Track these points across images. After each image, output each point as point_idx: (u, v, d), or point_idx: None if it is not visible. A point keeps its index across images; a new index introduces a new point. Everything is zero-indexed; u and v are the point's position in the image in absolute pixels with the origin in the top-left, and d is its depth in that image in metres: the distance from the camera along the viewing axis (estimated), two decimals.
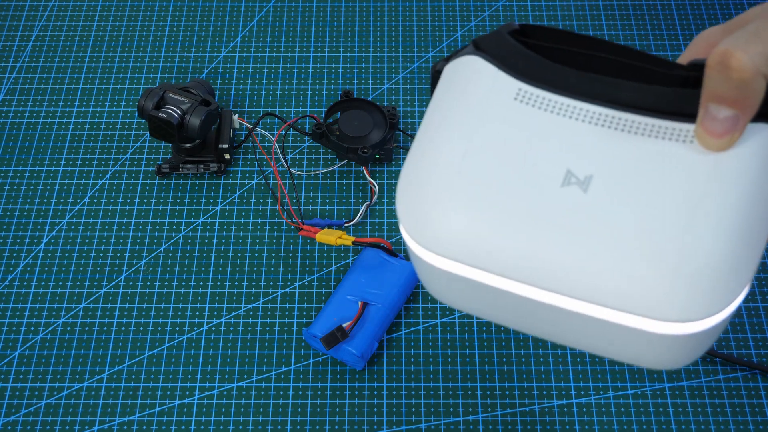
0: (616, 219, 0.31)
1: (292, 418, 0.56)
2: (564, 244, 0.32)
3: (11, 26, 0.75)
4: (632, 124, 0.33)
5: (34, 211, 0.65)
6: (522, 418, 0.56)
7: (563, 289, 0.32)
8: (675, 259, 0.30)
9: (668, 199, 0.31)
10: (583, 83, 0.34)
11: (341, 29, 0.75)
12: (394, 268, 0.59)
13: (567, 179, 0.32)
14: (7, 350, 0.59)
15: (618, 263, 0.31)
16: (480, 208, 0.33)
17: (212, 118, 0.63)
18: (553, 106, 0.34)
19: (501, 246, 0.32)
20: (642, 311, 0.31)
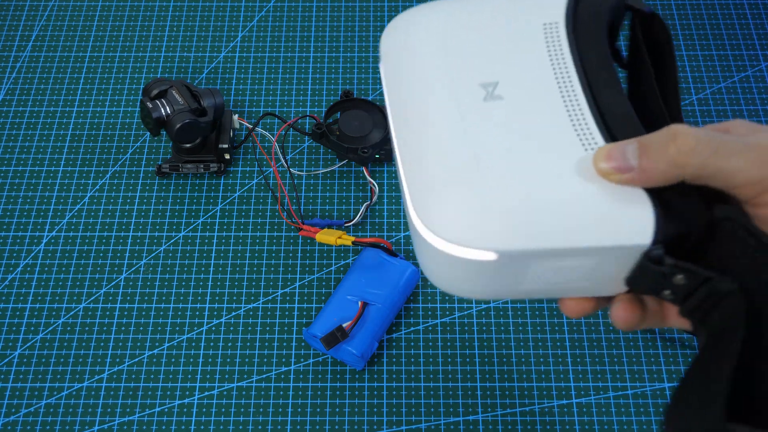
0: (475, 130, 0.35)
1: (292, 418, 0.56)
2: (432, 114, 0.36)
3: (11, 26, 0.75)
4: (576, 107, 0.35)
5: (34, 211, 0.65)
6: (522, 418, 0.56)
7: (401, 141, 0.36)
8: (464, 179, 0.33)
9: (521, 151, 0.34)
10: (595, 62, 0.36)
11: (341, 29, 0.75)
12: (394, 268, 0.59)
13: (487, 85, 0.36)
14: (7, 350, 0.59)
15: (437, 152, 0.34)
16: (423, 44, 0.37)
17: (197, 129, 0.62)
18: (555, 51, 0.36)
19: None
20: (414, 200, 0.34)
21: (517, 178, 0.33)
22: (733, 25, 0.75)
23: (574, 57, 0.36)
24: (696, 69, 0.72)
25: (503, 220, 0.32)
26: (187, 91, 0.64)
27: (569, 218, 0.32)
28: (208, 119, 0.63)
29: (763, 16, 0.76)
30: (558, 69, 0.36)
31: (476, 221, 0.32)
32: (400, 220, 0.64)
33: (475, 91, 0.36)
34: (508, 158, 0.33)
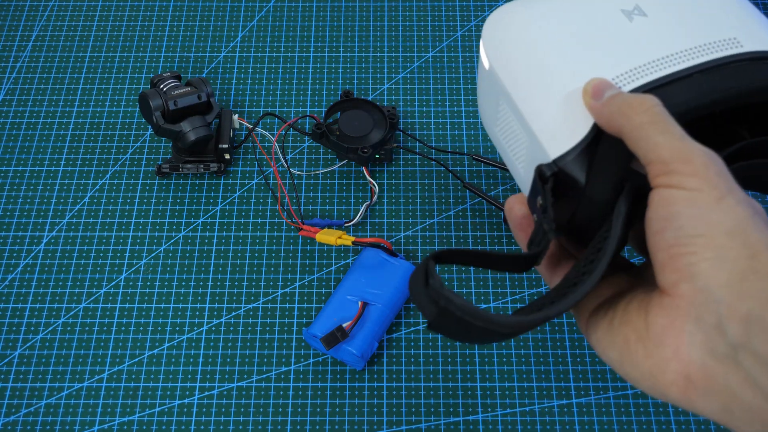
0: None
1: (292, 418, 0.56)
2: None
3: (11, 26, 0.75)
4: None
5: (34, 211, 0.65)
6: (522, 418, 0.56)
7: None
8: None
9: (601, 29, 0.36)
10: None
11: (341, 29, 0.75)
12: (394, 268, 0.59)
13: (630, 12, 0.37)
14: (7, 350, 0.59)
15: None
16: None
17: (207, 140, 0.63)
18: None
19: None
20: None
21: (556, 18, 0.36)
22: None
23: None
24: None
25: (507, 42, 0.36)
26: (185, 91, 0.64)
27: (543, 82, 0.35)
28: (211, 115, 0.64)
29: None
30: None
31: (498, 36, 0.37)
32: (400, 220, 0.64)
33: (621, 17, 0.37)
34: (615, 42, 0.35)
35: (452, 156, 0.67)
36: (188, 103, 0.63)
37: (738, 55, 0.35)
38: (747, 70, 0.34)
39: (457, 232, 0.64)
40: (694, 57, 0.35)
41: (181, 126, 0.62)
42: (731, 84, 0.34)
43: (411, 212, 0.65)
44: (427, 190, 0.66)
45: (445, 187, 0.66)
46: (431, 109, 0.70)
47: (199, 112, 0.64)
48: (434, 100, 0.70)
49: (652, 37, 0.35)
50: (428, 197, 0.65)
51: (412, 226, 0.64)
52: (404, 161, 0.67)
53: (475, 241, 0.63)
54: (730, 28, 0.36)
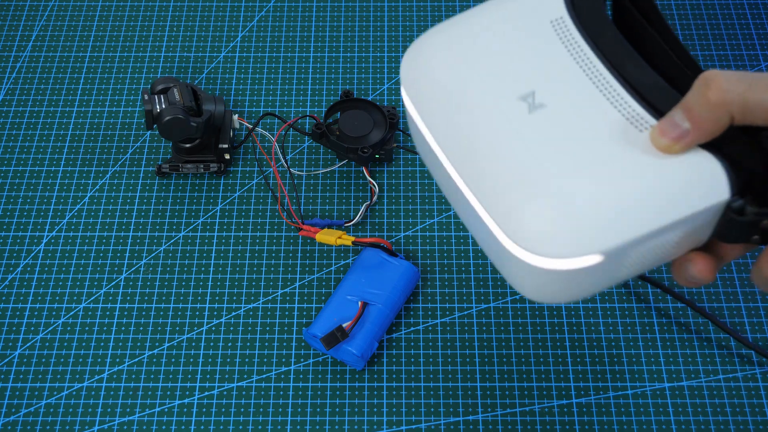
0: (533, 143, 0.35)
1: (292, 418, 0.56)
2: (485, 139, 0.36)
3: (11, 26, 0.75)
4: (613, 94, 0.36)
5: (34, 211, 0.65)
6: (522, 418, 0.56)
7: (463, 173, 0.36)
8: (548, 192, 0.34)
9: (584, 153, 0.35)
10: (609, 42, 0.37)
11: (341, 29, 0.75)
12: (394, 268, 0.59)
13: (526, 96, 0.36)
14: (7, 350, 0.59)
15: (508, 176, 0.35)
16: (449, 64, 0.38)
17: (185, 127, 0.61)
18: (571, 45, 0.37)
19: (443, 110, 0.37)
20: (502, 226, 0.35)
21: (592, 177, 0.34)
22: (733, 25, 0.75)
23: (590, 44, 0.37)
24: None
25: (596, 220, 0.34)
26: (190, 92, 0.63)
27: (652, 199, 0.34)
28: (199, 120, 0.62)
29: (763, 16, 0.76)
30: (580, 61, 0.37)
31: (573, 229, 0.34)
32: (400, 220, 0.64)
33: (518, 106, 0.36)
34: (577, 160, 0.35)
35: None
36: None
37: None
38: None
39: (457, 232, 0.64)
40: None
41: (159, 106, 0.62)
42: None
43: (411, 212, 0.65)
44: (427, 190, 0.66)
45: None
46: None
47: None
48: None
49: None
50: (428, 197, 0.65)
51: (412, 226, 0.64)
52: (404, 161, 0.67)
53: (475, 240, 0.63)
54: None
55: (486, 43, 0.38)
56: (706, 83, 0.33)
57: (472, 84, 0.37)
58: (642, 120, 0.35)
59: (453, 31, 0.39)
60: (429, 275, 0.62)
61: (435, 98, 0.38)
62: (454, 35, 0.39)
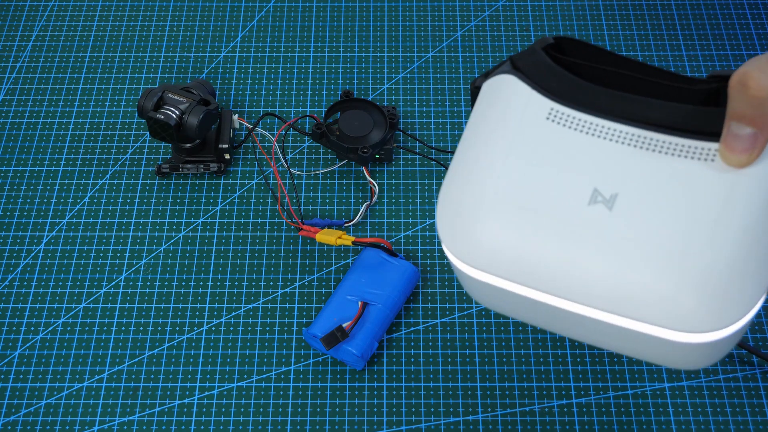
0: (638, 236, 0.33)
1: (292, 418, 0.56)
2: (591, 261, 0.34)
3: (11, 26, 0.75)
4: (658, 143, 0.34)
5: (34, 211, 0.65)
6: (522, 418, 0.56)
7: (591, 302, 0.34)
8: (694, 274, 0.32)
9: (688, 218, 0.33)
10: (613, 103, 0.35)
11: (341, 29, 0.75)
12: (394, 268, 0.59)
13: (594, 197, 0.34)
14: (7, 350, 0.59)
15: (641, 278, 0.33)
16: (514, 227, 0.35)
17: (211, 117, 0.63)
18: (582, 126, 0.36)
19: (534, 263, 0.34)
20: (665, 323, 0.33)
21: (707, 235, 0.33)
22: (733, 25, 0.75)
23: (594, 114, 0.36)
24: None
25: (740, 278, 0.32)
26: (178, 89, 0.64)
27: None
28: (214, 106, 0.63)
29: (763, 16, 0.76)
30: (602, 135, 0.35)
31: (724, 299, 0.32)
32: (400, 220, 0.64)
33: (597, 211, 0.35)
34: (685, 228, 0.33)
35: (452, 156, 0.67)
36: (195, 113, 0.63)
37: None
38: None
39: None
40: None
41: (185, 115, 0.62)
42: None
43: (411, 212, 0.65)
44: (427, 190, 0.66)
45: None
46: (431, 109, 0.70)
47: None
48: (434, 100, 0.70)
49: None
50: (428, 197, 0.65)
51: (412, 226, 0.64)
52: (404, 161, 0.67)
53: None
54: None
55: (517, 180, 0.36)
56: (743, 83, 0.32)
57: (541, 231, 0.35)
58: (705, 150, 0.33)
59: (479, 190, 0.37)
60: (429, 275, 0.62)
61: (509, 260, 0.36)
62: (484, 192, 0.37)
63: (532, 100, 0.37)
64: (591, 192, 0.35)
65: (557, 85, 0.37)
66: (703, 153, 0.34)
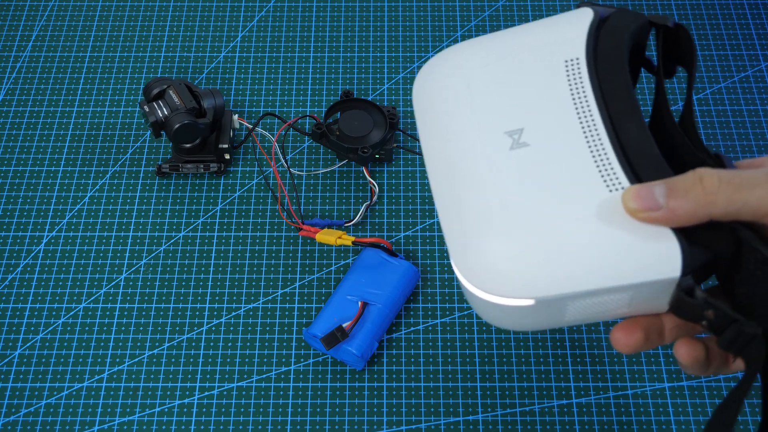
0: (503, 182, 0.35)
1: (292, 418, 0.56)
2: (461, 168, 0.37)
3: (11, 26, 0.75)
4: (599, 145, 0.35)
5: (34, 211, 0.65)
6: (522, 418, 0.56)
7: (437, 195, 0.37)
8: (497, 231, 0.34)
9: (548, 197, 0.34)
10: (617, 95, 0.36)
11: (341, 29, 0.75)
12: (394, 268, 0.59)
13: (513, 132, 0.36)
14: (7, 350, 0.59)
15: (469, 206, 0.36)
16: (450, 93, 0.38)
17: (193, 130, 0.62)
18: (577, 88, 0.36)
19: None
20: (455, 256, 0.35)
21: (545, 226, 0.34)
22: (733, 25, 0.75)
23: (596, 93, 0.36)
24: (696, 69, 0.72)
25: (535, 269, 0.33)
26: (187, 91, 0.64)
27: (599, 260, 0.33)
28: (206, 121, 0.63)
29: (763, 16, 0.76)
30: (580, 108, 0.36)
31: (510, 272, 0.34)
32: (400, 220, 0.64)
33: (502, 140, 0.36)
34: (537, 206, 0.34)
35: None
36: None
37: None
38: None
39: None
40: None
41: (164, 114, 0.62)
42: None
43: (411, 212, 0.65)
44: (427, 190, 0.66)
45: None
46: None
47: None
48: None
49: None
50: (428, 197, 0.65)
51: (412, 226, 0.64)
52: (404, 161, 0.67)
53: None
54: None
55: (495, 70, 0.38)
56: (700, 179, 0.32)
57: (465, 107, 0.37)
58: (617, 180, 0.34)
59: (469, 51, 0.39)
60: (429, 275, 0.62)
61: (432, 112, 0.38)
62: (469, 55, 0.39)
63: (577, 38, 0.38)
64: (517, 127, 0.36)
65: (606, 51, 0.37)
66: (615, 182, 0.34)
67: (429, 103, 0.39)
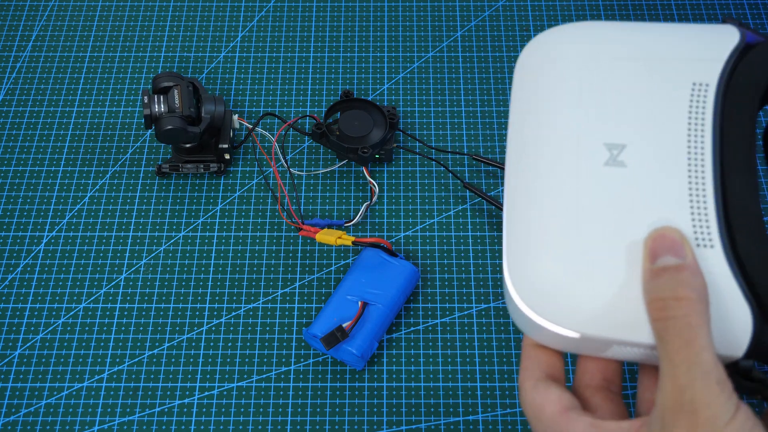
0: (587, 201, 0.32)
1: (292, 418, 0.56)
2: (544, 167, 0.34)
3: (11, 26, 0.75)
4: (700, 191, 0.31)
5: (34, 211, 0.65)
6: (522, 418, 0.56)
7: (508, 185, 0.35)
8: (564, 258, 0.32)
9: (627, 235, 0.31)
10: (738, 138, 0.32)
11: (341, 29, 0.75)
12: (394, 268, 0.59)
13: (613, 147, 0.32)
14: (7, 350, 0.59)
15: (541, 218, 0.33)
16: (562, 76, 0.33)
17: (181, 134, 0.62)
18: (696, 117, 0.33)
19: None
20: (509, 261, 0.33)
21: (616, 264, 0.31)
22: None
23: (715, 128, 0.32)
24: None
25: (591, 306, 0.31)
26: (192, 94, 0.63)
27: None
28: (196, 130, 0.62)
29: (763, 16, 0.76)
30: (694, 138, 0.32)
31: (564, 301, 0.31)
32: (400, 220, 0.64)
33: (599, 151, 0.32)
34: (614, 239, 0.31)
35: (452, 156, 0.67)
36: None
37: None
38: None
39: (457, 232, 0.64)
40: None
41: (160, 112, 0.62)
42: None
43: (411, 212, 0.65)
44: (427, 190, 0.66)
45: (445, 187, 0.66)
46: (431, 109, 0.70)
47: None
48: (434, 100, 0.70)
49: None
50: (428, 197, 0.65)
51: (412, 226, 0.64)
52: (404, 161, 0.67)
53: (475, 240, 0.63)
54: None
55: (620, 68, 0.34)
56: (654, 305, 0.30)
57: (573, 99, 0.33)
58: (708, 235, 0.31)
59: (602, 36, 0.34)
60: (429, 275, 0.62)
61: (534, 88, 0.34)
62: (600, 40, 0.34)
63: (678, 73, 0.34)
64: (621, 142, 0.33)
65: (740, 86, 0.33)
66: (705, 237, 0.31)
67: (534, 77, 0.35)
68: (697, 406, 0.28)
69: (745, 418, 0.28)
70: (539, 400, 0.34)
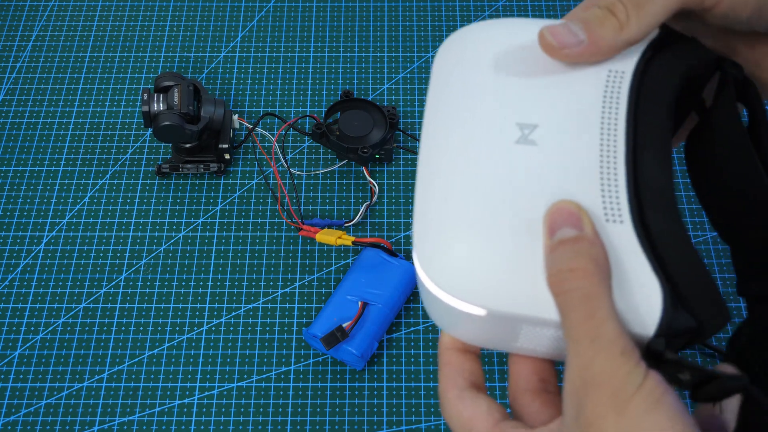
0: (495, 177, 0.32)
1: (292, 418, 0.56)
2: (455, 146, 0.33)
3: (11, 26, 0.76)
4: (611, 170, 0.31)
5: (34, 211, 0.65)
6: None
7: (421, 166, 0.33)
8: (473, 233, 0.31)
9: (537, 211, 0.31)
10: (652, 123, 0.32)
11: (341, 29, 0.75)
12: (394, 268, 0.59)
13: (524, 126, 0.32)
14: (7, 350, 0.59)
15: (452, 195, 0.32)
16: (474, 65, 0.34)
17: (178, 133, 0.62)
18: (610, 101, 0.33)
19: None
20: (417, 240, 0.32)
21: (524, 238, 0.30)
22: None
23: (629, 113, 0.32)
24: None
25: (498, 278, 0.30)
26: (192, 95, 0.63)
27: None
28: (194, 128, 0.62)
29: None
30: (607, 123, 0.32)
31: (471, 276, 0.30)
32: (400, 220, 0.64)
33: (510, 130, 0.32)
34: (523, 214, 0.31)
35: None
36: None
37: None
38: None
39: None
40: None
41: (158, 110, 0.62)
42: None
43: (411, 212, 0.65)
44: None
45: None
46: None
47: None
48: None
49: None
50: None
51: (412, 226, 0.64)
52: (404, 161, 0.67)
53: None
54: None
55: (531, 54, 0.34)
56: (610, 8, 0.31)
57: (487, 81, 0.33)
58: (618, 212, 0.30)
59: (511, 27, 0.35)
60: None
61: (447, 79, 0.34)
62: (509, 31, 0.35)
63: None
64: (532, 121, 0.33)
65: (656, 75, 0.33)
66: (615, 213, 0.31)
67: (448, 69, 0.35)
68: (600, 378, 0.27)
69: (653, 385, 0.27)
70: (467, 413, 0.33)
